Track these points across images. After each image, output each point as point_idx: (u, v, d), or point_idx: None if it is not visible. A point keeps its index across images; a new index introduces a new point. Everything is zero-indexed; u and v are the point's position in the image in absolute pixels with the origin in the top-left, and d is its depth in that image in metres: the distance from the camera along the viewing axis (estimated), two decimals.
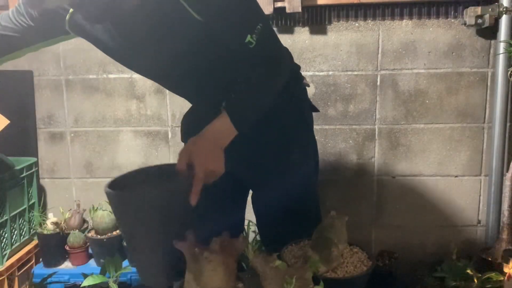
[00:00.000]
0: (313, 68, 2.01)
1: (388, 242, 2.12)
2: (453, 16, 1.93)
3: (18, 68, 2.11)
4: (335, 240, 0.93)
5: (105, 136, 2.15)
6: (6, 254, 1.86)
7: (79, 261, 1.85)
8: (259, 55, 1.01)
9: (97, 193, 2.19)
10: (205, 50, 1.04)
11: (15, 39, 1.16)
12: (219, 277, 0.85)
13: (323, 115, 2.03)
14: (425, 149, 2.04)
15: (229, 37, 1.01)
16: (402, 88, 2.00)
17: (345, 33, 1.97)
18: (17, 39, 1.16)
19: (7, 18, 1.14)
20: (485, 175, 2.04)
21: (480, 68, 1.96)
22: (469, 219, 2.09)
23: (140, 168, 1.05)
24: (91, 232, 1.85)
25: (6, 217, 1.86)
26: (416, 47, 1.96)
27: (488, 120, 2.00)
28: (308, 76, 2.01)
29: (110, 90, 2.11)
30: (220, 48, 1.03)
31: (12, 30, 1.14)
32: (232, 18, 0.99)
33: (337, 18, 1.97)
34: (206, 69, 1.08)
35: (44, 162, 2.19)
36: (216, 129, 0.97)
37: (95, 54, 2.07)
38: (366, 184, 2.09)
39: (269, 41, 1.04)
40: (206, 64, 1.07)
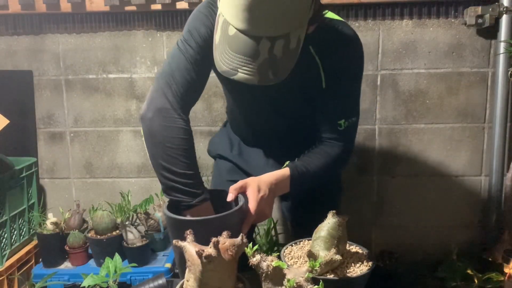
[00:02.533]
0: None
1: (388, 242, 2.12)
2: (453, 16, 1.93)
3: (18, 68, 2.11)
4: (335, 240, 0.93)
5: (105, 136, 2.15)
6: (6, 254, 1.86)
7: (79, 261, 1.85)
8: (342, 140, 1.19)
9: (96, 193, 2.19)
10: (308, 108, 1.20)
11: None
12: (219, 277, 0.85)
13: None
14: (425, 149, 2.04)
15: (330, 113, 1.17)
16: (402, 88, 2.00)
17: None
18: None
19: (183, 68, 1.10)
20: (485, 175, 2.04)
21: (480, 68, 1.96)
22: (469, 219, 2.09)
23: None
24: (90, 232, 1.85)
25: (6, 217, 1.86)
26: (417, 47, 1.96)
27: (488, 120, 1.99)
28: None
29: (110, 90, 2.11)
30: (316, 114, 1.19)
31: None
32: (344, 101, 1.17)
33: None
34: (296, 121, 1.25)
35: (43, 162, 2.18)
36: (279, 186, 1.10)
37: (95, 54, 2.08)
38: (366, 184, 2.09)
39: (353, 133, 1.23)
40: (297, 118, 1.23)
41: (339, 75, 1.14)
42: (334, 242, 0.93)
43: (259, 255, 0.82)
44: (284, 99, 1.21)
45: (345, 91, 1.17)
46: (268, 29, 0.85)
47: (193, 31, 1.07)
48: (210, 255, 0.81)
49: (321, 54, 1.12)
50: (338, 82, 1.14)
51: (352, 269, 0.94)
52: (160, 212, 1.91)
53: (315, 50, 1.12)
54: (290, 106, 1.24)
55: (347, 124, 1.17)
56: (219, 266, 0.83)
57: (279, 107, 1.24)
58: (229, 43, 0.88)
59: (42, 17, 2.05)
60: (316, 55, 1.12)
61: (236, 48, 0.87)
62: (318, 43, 1.11)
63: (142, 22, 2.03)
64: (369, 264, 0.95)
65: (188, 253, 0.85)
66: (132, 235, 1.78)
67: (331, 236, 0.93)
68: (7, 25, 2.07)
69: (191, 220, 0.96)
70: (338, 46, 1.12)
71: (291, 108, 1.24)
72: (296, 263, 0.98)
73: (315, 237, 0.95)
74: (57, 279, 1.75)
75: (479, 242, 2.08)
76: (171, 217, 0.98)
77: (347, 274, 0.92)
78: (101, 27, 2.05)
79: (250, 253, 0.83)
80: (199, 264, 0.83)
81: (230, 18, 0.87)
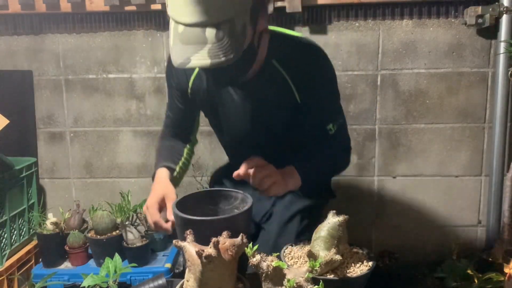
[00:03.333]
0: None
1: (388, 242, 2.12)
2: (453, 15, 1.93)
3: (18, 68, 2.11)
4: (335, 240, 0.93)
5: (105, 136, 2.15)
6: (6, 254, 1.86)
7: (79, 261, 1.85)
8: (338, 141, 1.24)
9: (96, 193, 2.19)
10: (290, 124, 1.24)
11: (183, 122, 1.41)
12: (219, 277, 0.85)
13: None
14: (426, 149, 2.04)
15: (316, 121, 1.21)
16: (403, 88, 2.00)
17: (345, 33, 1.97)
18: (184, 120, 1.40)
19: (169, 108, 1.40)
20: (485, 175, 2.04)
21: (480, 68, 1.96)
22: (469, 219, 2.09)
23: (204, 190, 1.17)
24: (90, 232, 1.85)
25: (6, 217, 1.86)
26: (417, 46, 1.96)
27: (488, 120, 1.99)
28: None
29: (110, 90, 2.10)
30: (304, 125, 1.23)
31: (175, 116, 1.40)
32: (324, 107, 1.21)
33: (337, 17, 1.96)
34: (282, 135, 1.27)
35: (43, 162, 2.18)
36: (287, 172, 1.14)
37: (95, 54, 2.08)
38: (366, 184, 2.08)
39: (345, 132, 1.28)
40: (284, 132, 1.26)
41: (310, 87, 1.17)
42: (334, 242, 0.93)
43: (259, 255, 0.82)
44: (262, 116, 1.24)
45: (322, 99, 1.20)
46: (210, 17, 0.92)
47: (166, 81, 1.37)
48: (210, 255, 0.81)
49: (286, 67, 1.18)
50: (312, 93, 1.18)
51: (352, 269, 0.94)
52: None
53: (279, 64, 1.17)
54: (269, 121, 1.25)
55: (336, 126, 1.22)
56: (219, 266, 0.83)
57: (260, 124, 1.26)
58: (180, 39, 0.96)
59: (42, 17, 2.05)
60: (282, 68, 1.18)
61: (186, 41, 0.95)
62: (281, 57, 1.17)
63: (142, 22, 2.03)
64: (369, 264, 0.95)
65: (188, 253, 0.85)
66: (132, 235, 1.78)
67: (331, 236, 0.93)
68: (7, 25, 2.08)
69: (199, 220, 0.96)
70: (301, 57, 1.18)
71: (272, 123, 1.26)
72: (296, 263, 0.98)
73: (315, 237, 0.95)
74: (57, 279, 1.75)
75: (479, 242, 2.08)
76: (180, 216, 0.98)
77: (347, 274, 0.92)
78: (101, 27, 2.05)
79: (250, 253, 0.83)
80: (199, 264, 0.83)
81: (177, 17, 0.96)
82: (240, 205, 1.08)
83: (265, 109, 1.22)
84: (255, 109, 1.22)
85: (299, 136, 1.25)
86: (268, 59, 1.17)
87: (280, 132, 1.26)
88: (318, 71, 1.19)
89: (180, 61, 0.95)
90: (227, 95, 1.23)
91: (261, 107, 1.21)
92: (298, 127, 1.24)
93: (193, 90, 1.28)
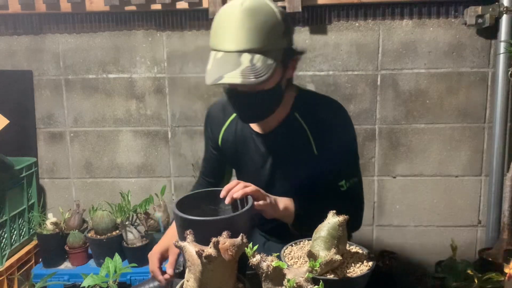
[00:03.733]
0: (313, 68, 2.00)
1: (388, 242, 2.12)
2: (453, 15, 1.93)
3: (18, 68, 2.11)
4: (335, 240, 0.93)
5: (105, 136, 2.15)
6: (6, 254, 1.86)
7: (79, 261, 1.85)
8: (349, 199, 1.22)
9: (96, 193, 2.19)
10: (306, 175, 1.26)
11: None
12: (219, 277, 0.85)
13: None
14: (426, 149, 2.04)
15: (329, 174, 1.22)
16: (403, 88, 2.00)
17: (345, 33, 1.97)
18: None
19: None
20: (485, 175, 2.04)
21: (480, 68, 1.96)
22: (469, 219, 2.09)
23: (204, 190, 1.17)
24: (90, 232, 1.85)
25: (6, 217, 1.86)
26: (417, 46, 1.96)
27: (488, 120, 1.99)
28: (308, 76, 2.01)
29: (110, 90, 2.10)
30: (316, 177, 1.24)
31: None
32: (339, 162, 1.22)
33: (337, 17, 1.96)
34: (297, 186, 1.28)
35: (43, 162, 2.18)
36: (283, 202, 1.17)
37: (95, 54, 2.08)
38: (366, 184, 2.08)
39: (358, 192, 1.27)
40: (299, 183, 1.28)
41: (327, 140, 1.22)
42: (334, 242, 0.93)
43: (259, 255, 0.82)
44: (281, 165, 1.29)
45: (338, 154, 1.22)
46: (247, 43, 1.04)
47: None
48: (210, 255, 0.81)
49: (307, 120, 1.24)
50: (329, 146, 1.22)
51: (352, 269, 0.94)
52: (160, 212, 1.91)
53: (301, 117, 1.24)
54: (287, 171, 1.30)
55: (349, 184, 1.22)
56: (219, 266, 0.83)
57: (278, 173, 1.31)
58: (217, 63, 1.06)
59: (42, 17, 2.05)
60: (303, 121, 1.24)
61: (222, 63, 1.05)
62: (303, 110, 1.24)
63: (142, 22, 2.03)
64: (369, 264, 0.95)
65: (188, 253, 0.85)
66: (132, 235, 1.78)
67: (331, 236, 0.93)
68: (7, 25, 2.08)
69: (200, 220, 0.96)
70: (323, 113, 1.24)
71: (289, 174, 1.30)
72: (296, 263, 0.98)
73: (315, 237, 0.95)
74: (57, 279, 1.75)
75: (479, 242, 2.08)
76: (180, 216, 0.98)
77: (347, 274, 0.92)
78: (101, 27, 2.05)
79: (250, 253, 0.83)
80: (199, 264, 0.83)
81: (218, 45, 1.07)
82: (240, 205, 1.08)
83: (284, 160, 1.28)
84: (275, 159, 1.29)
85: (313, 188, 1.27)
86: (292, 112, 1.25)
87: (296, 182, 1.29)
88: (338, 127, 1.24)
89: (213, 79, 1.03)
90: (252, 144, 1.31)
91: (280, 157, 1.28)
92: (313, 179, 1.26)
93: (223, 140, 1.37)
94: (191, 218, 0.96)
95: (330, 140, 1.22)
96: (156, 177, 2.16)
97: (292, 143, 1.25)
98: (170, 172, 2.15)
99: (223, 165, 1.46)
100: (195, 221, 0.96)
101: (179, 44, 2.04)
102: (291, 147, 1.25)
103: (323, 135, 1.23)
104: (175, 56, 2.05)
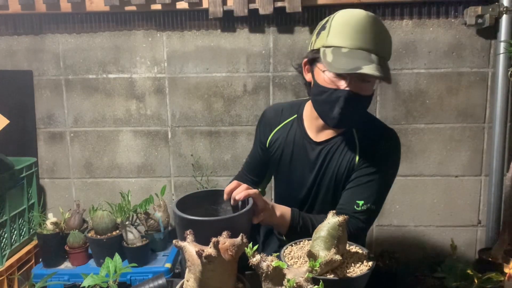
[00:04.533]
0: None
1: (388, 242, 2.12)
2: (453, 16, 1.93)
3: (18, 68, 2.11)
4: (335, 240, 0.93)
5: (105, 136, 2.15)
6: (6, 254, 1.86)
7: (79, 261, 1.84)
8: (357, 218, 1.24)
9: (96, 193, 2.19)
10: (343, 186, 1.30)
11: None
12: (219, 277, 0.85)
13: None
14: (426, 149, 2.04)
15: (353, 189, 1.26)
16: (403, 88, 2.00)
17: None
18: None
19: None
20: (485, 175, 2.04)
21: (480, 68, 1.96)
22: (469, 219, 2.09)
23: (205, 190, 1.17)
24: (90, 232, 1.85)
25: (6, 217, 1.86)
26: (416, 47, 1.96)
27: (488, 120, 1.99)
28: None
29: (110, 90, 2.11)
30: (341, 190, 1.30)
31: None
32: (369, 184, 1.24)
33: None
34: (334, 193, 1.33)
35: (43, 162, 2.18)
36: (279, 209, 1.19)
37: (95, 54, 2.08)
38: None
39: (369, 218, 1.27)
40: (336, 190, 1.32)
41: (370, 161, 1.26)
42: (334, 242, 0.93)
43: (259, 255, 0.82)
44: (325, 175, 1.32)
45: (372, 176, 1.25)
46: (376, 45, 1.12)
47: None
48: (210, 255, 0.81)
49: (361, 139, 1.28)
50: (368, 166, 1.25)
51: (352, 269, 0.94)
52: (160, 212, 1.91)
53: (357, 134, 1.29)
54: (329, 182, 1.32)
55: (365, 208, 1.24)
56: (219, 266, 0.83)
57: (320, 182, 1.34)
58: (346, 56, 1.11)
59: (42, 17, 2.05)
60: (357, 138, 1.29)
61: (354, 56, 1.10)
62: (362, 129, 1.29)
63: (142, 22, 2.03)
64: (369, 264, 0.95)
65: (188, 253, 0.85)
66: (132, 235, 1.78)
67: (331, 236, 0.93)
68: (7, 25, 2.08)
69: (200, 220, 0.96)
70: (377, 134, 1.29)
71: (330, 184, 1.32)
72: (296, 263, 0.98)
73: (315, 237, 0.95)
74: (57, 279, 1.75)
75: (479, 242, 2.08)
76: (180, 216, 0.97)
77: (347, 274, 0.92)
78: (101, 27, 2.05)
79: (250, 253, 0.83)
80: (199, 264, 0.83)
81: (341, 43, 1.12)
82: (241, 206, 1.08)
83: (330, 170, 1.30)
84: (323, 168, 1.31)
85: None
86: (350, 129, 1.30)
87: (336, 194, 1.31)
88: (387, 153, 1.28)
89: (350, 67, 1.08)
90: (302, 151, 1.34)
91: (328, 167, 1.31)
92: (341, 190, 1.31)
93: (271, 142, 1.41)
94: (191, 218, 0.96)
95: (372, 159, 1.26)
96: (156, 177, 2.16)
97: (340, 156, 1.29)
98: (170, 172, 2.15)
99: (264, 166, 1.49)
100: (195, 221, 0.95)
101: (179, 44, 2.04)
102: (339, 159, 1.29)
103: (369, 154, 1.26)
104: (175, 56, 2.05)
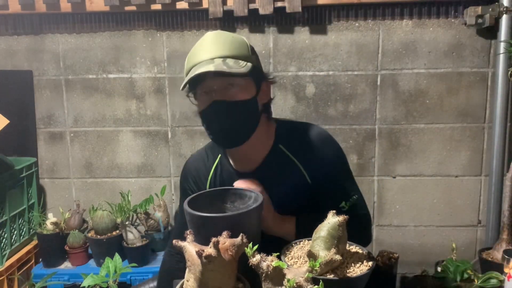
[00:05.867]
0: (313, 68, 2.00)
1: (388, 242, 2.12)
2: (453, 16, 1.93)
3: (18, 68, 2.11)
4: (335, 240, 0.93)
5: (105, 136, 2.15)
6: (6, 254, 1.86)
7: (79, 261, 1.85)
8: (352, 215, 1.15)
9: (96, 193, 2.19)
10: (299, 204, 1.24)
11: None
12: (219, 277, 0.85)
13: (323, 115, 2.03)
14: (425, 149, 2.04)
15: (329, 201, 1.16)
16: (402, 88, 2.00)
17: (345, 33, 1.97)
18: None
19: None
20: (485, 175, 2.04)
21: (480, 68, 1.96)
22: (469, 219, 2.09)
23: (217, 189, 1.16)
24: (90, 232, 1.85)
25: (6, 217, 1.86)
26: (416, 47, 1.96)
27: (488, 120, 1.99)
28: (308, 76, 2.01)
29: (110, 90, 2.10)
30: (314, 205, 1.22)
31: None
32: (336, 187, 1.21)
33: (337, 18, 1.96)
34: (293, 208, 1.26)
35: (43, 162, 2.18)
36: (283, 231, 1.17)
37: (95, 54, 2.08)
38: (366, 184, 2.08)
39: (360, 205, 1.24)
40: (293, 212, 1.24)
41: (320, 169, 1.20)
42: (334, 242, 0.93)
43: (259, 255, 0.82)
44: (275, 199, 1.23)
45: (332, 179, 1.21)
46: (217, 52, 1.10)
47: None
48: (210, 255, 0.81)
49: (293, 151, 1.22)
50: (321, 173, 1.20)
51: (352, 269, 0.94)
52: (160, 212, 1.91)
53: (286, 148, 1.22)
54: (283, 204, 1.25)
55: (350, 203, 1.18)
56: (219, 266, 0.83)
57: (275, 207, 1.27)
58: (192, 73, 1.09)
59: (42, 17, 2.05)
60: (289, 152, 1.22)
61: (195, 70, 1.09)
62: (287, 141, 1.22)
63: (142, 22, 2.03)
64: (369, 264, 0.95)
65: (188, 253, 0.85)
66: (132, 235, 1.78)
67: (331, 236, 0.93)
68: (7, 25, 2.08)
69: (212, 217, 0.95)
70: (307, 141, 1.22)
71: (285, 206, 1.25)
72: (296, 263, 0.98)
73: (315, 237, 0.95)
74: (57, 279, 1.75)
75: (479, 242, 2.08)
76: (191, 213, 0.98)
77: (347, 274, 0.92)
78: (101, 27, 2.05)
79: (250, 253, 0.83)
80: (199, 264, 0.83)
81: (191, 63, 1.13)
82: (253, 204, 1.07)
83: (277, 193, 1.21)
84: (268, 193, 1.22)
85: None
86: (276, 144, 1.23)
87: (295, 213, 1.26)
88: (327, 152, 1.23)
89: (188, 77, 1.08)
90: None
91: (273, 191, 1.21)
92: (310, 208, 1.24)
93: (211, 181, 1.29)
94: (200, 215, 0.96)
95: (321, 166, 1.20)
96: (156, 177, 2.16)
97: (282, 177, 1.21)
98: (170, 172, 2.15)
99: None
100: (205, 218, 0.95)
101: (179, 44, 2.04)
102: (283, 181, 1.21)
103: (314, 163, 1.20)
104: (175, 56, 2.05)
